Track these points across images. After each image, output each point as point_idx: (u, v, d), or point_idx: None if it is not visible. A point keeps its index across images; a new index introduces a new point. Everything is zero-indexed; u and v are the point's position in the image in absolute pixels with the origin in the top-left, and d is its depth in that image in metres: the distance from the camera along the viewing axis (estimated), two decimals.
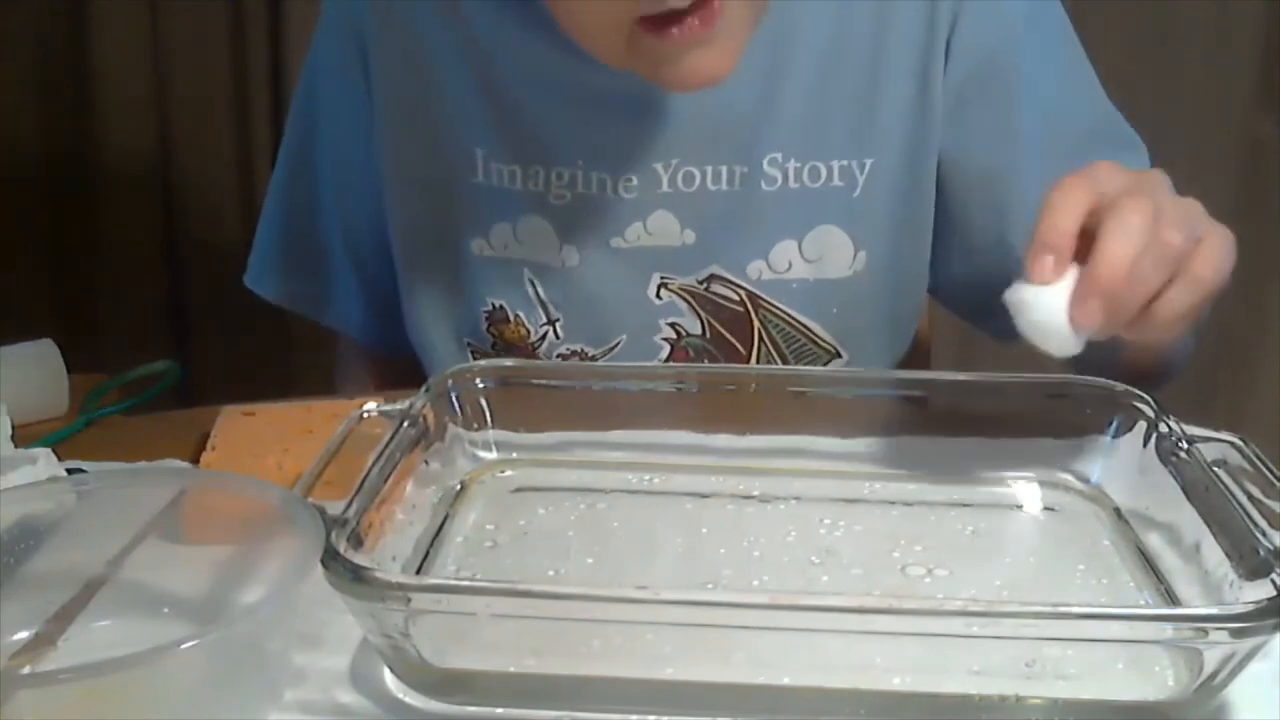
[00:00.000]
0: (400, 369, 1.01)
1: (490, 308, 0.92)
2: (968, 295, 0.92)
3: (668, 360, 0.91)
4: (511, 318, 0.92)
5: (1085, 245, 0.63)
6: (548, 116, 0.87)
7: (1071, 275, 0.63)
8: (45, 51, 1.70)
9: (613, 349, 0.91)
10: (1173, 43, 0.84)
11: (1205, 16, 1.53)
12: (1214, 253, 0.63)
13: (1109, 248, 0.61)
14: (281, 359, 1.66)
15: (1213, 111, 1.60)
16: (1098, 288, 0.61)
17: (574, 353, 0.92)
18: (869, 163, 0.86)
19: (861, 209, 0.87)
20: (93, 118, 1.70)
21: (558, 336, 0.91)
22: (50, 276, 1.76)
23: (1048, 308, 0.63)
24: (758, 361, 0.90)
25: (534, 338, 0.92)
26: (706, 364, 0.91)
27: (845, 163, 0.86)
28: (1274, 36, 1.56)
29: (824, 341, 0.90)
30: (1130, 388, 0.69)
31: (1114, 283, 0.61)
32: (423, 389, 0.70)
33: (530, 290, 0.91)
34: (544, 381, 0.75)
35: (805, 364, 0.91)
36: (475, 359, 0.94)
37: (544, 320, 0.91)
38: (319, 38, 0.97)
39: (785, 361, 0.91)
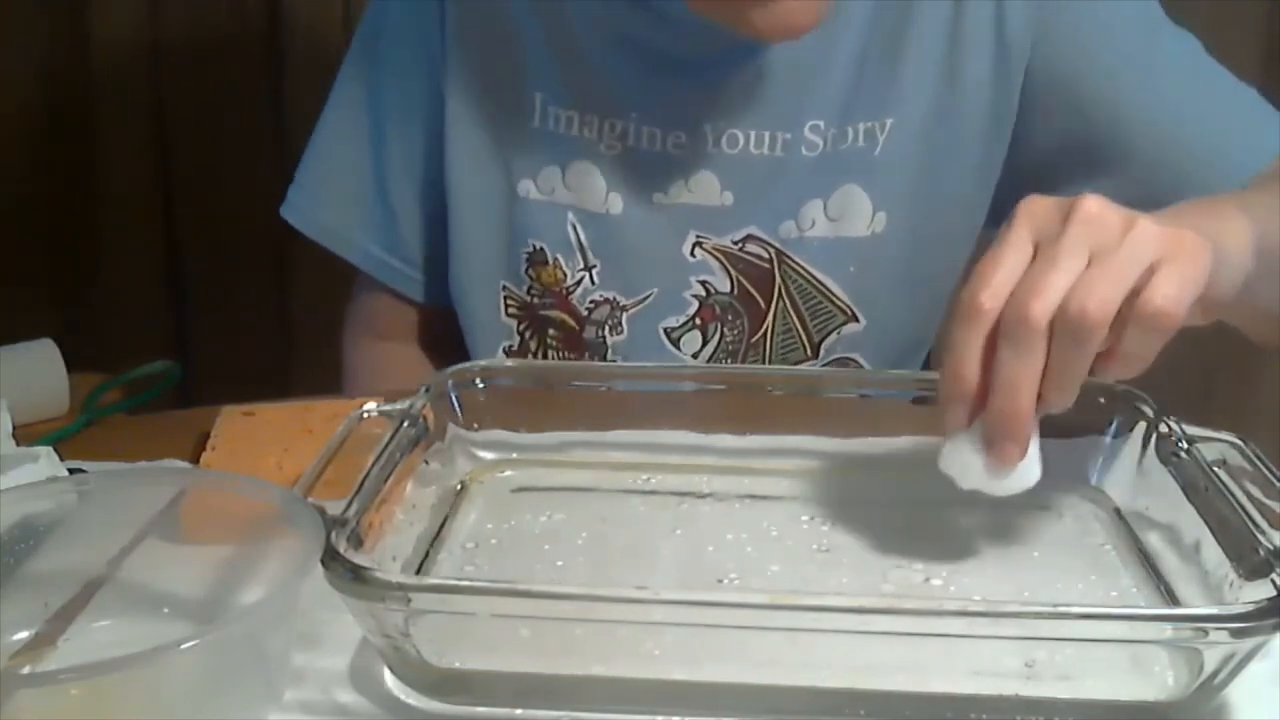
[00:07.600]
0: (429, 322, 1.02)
1: (531, 249, 0.94)
2: None
3: (694, 316, 0.93)
4: (550, 260, 0.93)
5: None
6: (609, 70, 0.90)
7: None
8: (46, 53, 1.70)
9: (644, 300, 0.93)
10: None
11: (1205, 16, 1.53)
12: (1168, 283, 0.57)
13: (1000, 376, 0.57)
14: (281, 359, 1.66)
15: None
16: (1000, 430, 0.59)
17: (605, 300, 0.93)
18: (889, 122, 0.88)
19: (881, 169, 0.89)
20: (93, 119, 1.70)
21: (593, 283, 0.93)
22: (50, 277, 1.76)
23: (969, 456, 0.60)
24: (774, 318, 0.92)
25: (570, 281, 0.94)
26: (707, 364, 0.92)
27: (869, 124, 0.88)
28: (1274, 36, 1.56)
29: (840, 300, 0.92)
30: (1130, 388, 0.68)
31: (1014, 419, 0.58)
32: (422, 389, 0.70)
33: (572, 234, 0.93)
34: (544, 381, 0.76)
35: (820, 323, 0.92)
36: (508, 306, 0.95)
37: (581, 265, 0.93)
38: None
39: (800, 318, 0.92)
